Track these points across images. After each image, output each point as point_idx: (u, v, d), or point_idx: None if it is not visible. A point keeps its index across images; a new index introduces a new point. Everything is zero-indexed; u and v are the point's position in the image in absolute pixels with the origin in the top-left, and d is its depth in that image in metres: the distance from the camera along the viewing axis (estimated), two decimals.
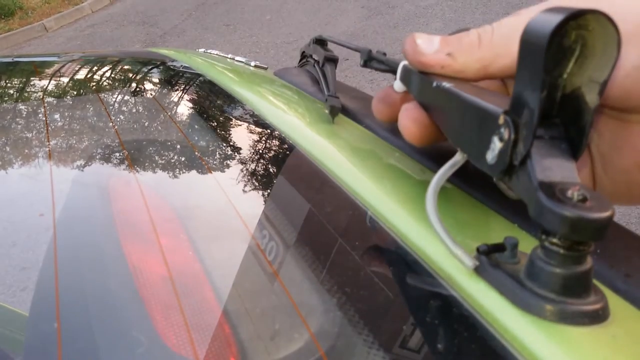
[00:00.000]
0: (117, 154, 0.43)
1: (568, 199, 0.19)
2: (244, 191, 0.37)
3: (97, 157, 0.43)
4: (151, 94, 0.63)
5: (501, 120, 0.22)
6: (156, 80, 0.68)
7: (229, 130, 0.48)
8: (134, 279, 0.27)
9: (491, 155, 0.23)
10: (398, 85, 0.34)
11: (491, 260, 0.24)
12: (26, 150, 0.45)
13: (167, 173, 0.40)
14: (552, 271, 0.21)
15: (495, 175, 0.23)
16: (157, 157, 0.43)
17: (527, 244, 0.25)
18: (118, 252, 0.30)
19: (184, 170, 0.41)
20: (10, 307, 0.27)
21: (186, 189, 0.38)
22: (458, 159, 0.27)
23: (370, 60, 0.43)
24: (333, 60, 0.57)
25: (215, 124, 0.49)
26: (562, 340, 0.20)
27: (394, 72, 0.38)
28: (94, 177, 0.40)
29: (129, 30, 4.79)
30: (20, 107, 0.58)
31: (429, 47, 0.30)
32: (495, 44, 0.28)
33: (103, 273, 0.28)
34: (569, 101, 0.22)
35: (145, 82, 0.67)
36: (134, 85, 0.68)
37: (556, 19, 0.19)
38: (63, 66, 0.82)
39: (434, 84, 0.29)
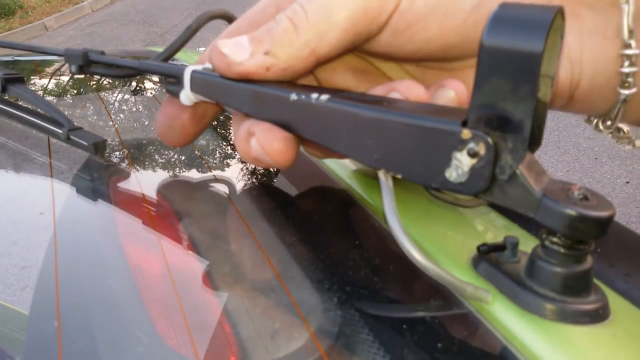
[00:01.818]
0: (117, 153, 0.43)
1: (571, 198, 0.19)
2: (244, 190, 0.37)
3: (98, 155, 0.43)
4: (151, 93, 0.63)
5: (467, 135, 0.20)
6: (156, 79, 0.68)
7: (229, 129, 0.48)
8: (134, 277, 0.27)
9: (456, 174, 0.21)
10: (188, 97, 0.29)
11: (491, 259, 0.24)
12: (26, 148, 0.45)
13: (168, 172, 0.40)
14: (553, 270, 0.21)
15: (468, 194, 0.21)
16: (157, 156, 0.43)
17: (528, 243, 0.25)
18: (118, 251, 0.30)
19: (184, 169, 0.41)
20: (10, 306, 0.27)
21: (186, 188, 0.38)
22: (389, 184, 0.24)
23: (88, 65, 0.34)
24: (19, 80, 0.42)
25: (216, 122, 0.49)
26: (562, 339, 0.20)
27: (126, 75, 0.32)
28: (94, 176, 0.40)
29: (129, 30, 4.79)
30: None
31: (240, 52, 0.26)
32: (315, 21, 0.24)
33: (103, 272, 0.28)
34: None
35: (145, 81, 0.67)
36: (134, 84, 0.68)
37: (543, 22, 0.18)
38: (63, 65, 0.82)
39: (293, 97, 0.24)
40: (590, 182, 1.96)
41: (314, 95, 0.24)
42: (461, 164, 0.20)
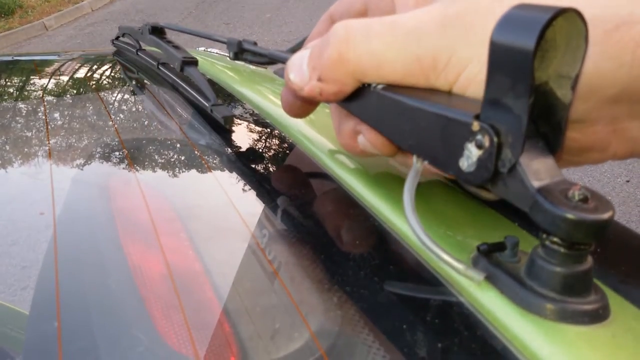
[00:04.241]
0: (117, 153, 0.43)
1: (569, 200, 0.19)
2: (244, 190, 0.37)
3: (97, 155, 0.43)
4: (151, 93, 0.63)
5: (476, 127, 0.21)
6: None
7: (229, 129, 0.48)
8: (135, 277, 0.27)
9: (467, 163, 0.22)
10: None
11: (492, 259, 0.24)
12: (26, 149, 0.45)
13: (167, 172, 0.40)
14: (553, 270, 0.21)
15: (476, 183, 0.22)
16: (157, 156, 0.43)
17: (528, 243, 0.25)
18: (118, 250, 0.30)
19: (184, 170, 0.41)
20: (11, 306, 0.27)
21: (186, 188, 0.38)
22: (418, 166, 0.25)
23: (241, 52, 0.39)
24: (194, 63, 0.51)
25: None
26: (562, 339, 0.20)
27: (274, 62, 0.35)
28: (94, 176, 0.40)
29: None
30: (21, 105, 0.58)
31: (302, 78, 0.28)
32: (360, 59, 0.25)
33: (103, 272, 0.28)
34: (537, 97, 0.21)
35: (145, 81, 0.67)
36: (133, 83, 0.68)
37: (539, 20, 0.18)
38: (63, 65, 0.82)
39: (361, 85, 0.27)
40: (591, 181, 1.96)
41: (376, 85, 0.26)
42: (471, 154, 0.21)
